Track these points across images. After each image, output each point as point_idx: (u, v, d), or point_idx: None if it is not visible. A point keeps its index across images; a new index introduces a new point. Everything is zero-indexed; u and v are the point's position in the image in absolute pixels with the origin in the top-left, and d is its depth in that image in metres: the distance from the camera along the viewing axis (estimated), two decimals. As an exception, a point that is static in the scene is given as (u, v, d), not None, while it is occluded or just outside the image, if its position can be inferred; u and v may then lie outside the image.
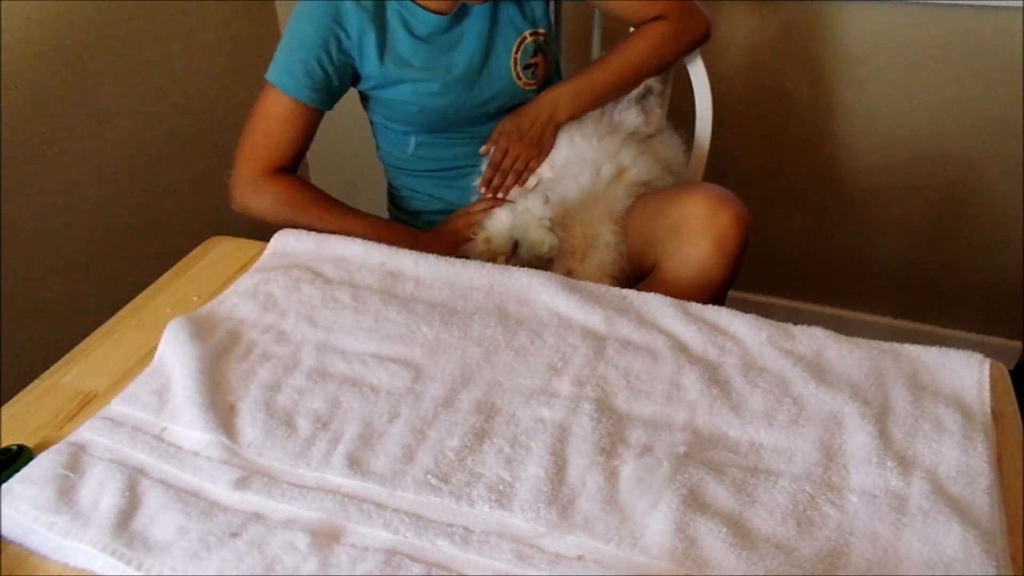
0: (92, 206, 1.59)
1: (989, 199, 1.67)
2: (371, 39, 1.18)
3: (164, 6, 1.66)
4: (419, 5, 1.19)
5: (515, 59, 1.25)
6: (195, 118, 1.80)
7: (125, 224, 1.66)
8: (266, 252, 1.10)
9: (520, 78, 1.27)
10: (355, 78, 1.23)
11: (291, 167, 1.23)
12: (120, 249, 1.65)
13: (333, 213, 1.20)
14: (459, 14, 1.21)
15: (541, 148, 1.28)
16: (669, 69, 1.35)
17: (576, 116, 1.28)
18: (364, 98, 1.30)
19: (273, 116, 1.19)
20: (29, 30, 1.40)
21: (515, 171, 1.28)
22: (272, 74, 1.18)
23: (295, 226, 1.15)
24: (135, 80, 1.63)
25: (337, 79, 1.19)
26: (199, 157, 1.83)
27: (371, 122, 1.35)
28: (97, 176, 1.59)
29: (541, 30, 1.27)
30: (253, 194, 1.20)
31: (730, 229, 1.09)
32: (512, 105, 1.29)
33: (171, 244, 1.19)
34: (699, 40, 1.30)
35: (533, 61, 1.27)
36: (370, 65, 1.20)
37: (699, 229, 1.10)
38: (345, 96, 1.27)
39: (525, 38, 1.25)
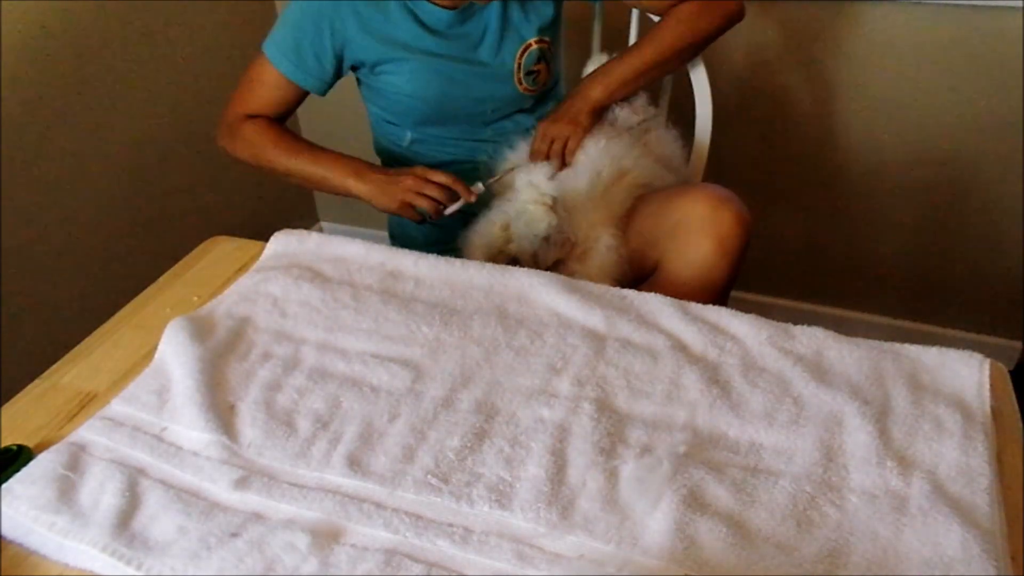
0: (92, 206, 1.59)
1: (989, 199, 1.67)
2: (368, 23, 1.19)
3: (164, 6, 1.66)
4: (427, 0, 1.20)
5: (519, 63, 1.25)
6: (195, 118, 1.80)
7: (125, 224, 1.66)
8: (266, 252, 1.10)
9: (521, 83, 1.27)
10: (353, 65, 1.25)
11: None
12: (120, 249, 1.65)
13: (299, 150, 1.24)
14: (468, 10, 1.22)
15: (578, 124, 1.22)
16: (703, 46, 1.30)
17: (615, 96, 1.25)
18: (361, 86, 1.30)
19: (260, 80, 1.25)
20: (29, 30, 1.41)
21: (555, 152, 1.23)
22: (266, 45, 1.23)
23: (268, 165, 1.24)
24: (135, 80, 1.63)
25: (328, 67, 1.23)
26: (199, 157, 1.83)
27: (369, 114, 1.36)
28: (97, 176, 1.59)
29: (547, 39, 1.28)
30: (231, 136, 1.27)
31: (731, 229, 1.09)
32: (510, 110, 1.29)
33: (171, 244, 1.19)
34: (734, 15, 1.26)
35: (536, 68, 1.27)
36: (364, 47, 1.20)
37: (700, 229, 1.10)
38: (341, 88, 1.28)
39: (530, 45, 1.25)
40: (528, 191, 1.13)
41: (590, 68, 1.31)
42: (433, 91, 1.24)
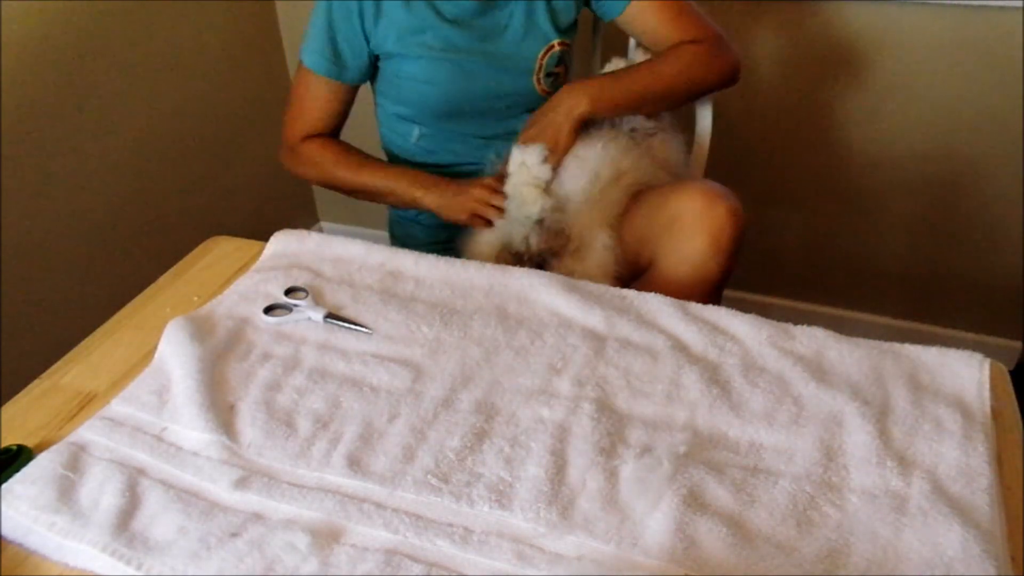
0: (92, 206, 1.59)
1: (989, 199, 1.67)
2: (388, 13, 1.20)
3: (164, 7, 1.66)
4: None
5: (541, 63, 1.25)
6: (195, 118, 1.80)
7: (125, 224, 1.66)
8: (266, 252, 1.10)
9: (540, 83, 1.26)
10: (377, 55, 1.25)
11: (329, 135, 1.32)
12: (120, 249, 1.65)
13: (362, 165, 1.28)
14: (491, 3, 1.22)
15: (558, 144, 1.19)
16: (695, 96, 1.30)
17: (598, 115, 1.21)
18: (374, 77, 1.30)
19: (304, 91, 1.29)
20: (29, 30, 1.41)
21: None
22: (303, 54, 1.26)
23: (334, 183, 1.30)
24: (135, 81, 1.63)
25: (364, 56, 1.25)
26: (199, 157, 1.83)
27: (376, 107, 1.35)
28: (97, 176, 1.59)
29: (568, 41, 1.27)
30: (293, 159, 1.32)
31: (725, 224, 1.09)
32: (522, 108, 1.28)
33: (171, 244, 1.19)
34: (728, 73, 1.25)
35: (556, 70, 1.27)
36: (386, 37, 1.21)
37: (694, 224, 1.10)
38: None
39: (553, 46, 1.25)
40: (520, 173, 1.15)
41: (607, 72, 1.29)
42: (449, 84, 1.23)
